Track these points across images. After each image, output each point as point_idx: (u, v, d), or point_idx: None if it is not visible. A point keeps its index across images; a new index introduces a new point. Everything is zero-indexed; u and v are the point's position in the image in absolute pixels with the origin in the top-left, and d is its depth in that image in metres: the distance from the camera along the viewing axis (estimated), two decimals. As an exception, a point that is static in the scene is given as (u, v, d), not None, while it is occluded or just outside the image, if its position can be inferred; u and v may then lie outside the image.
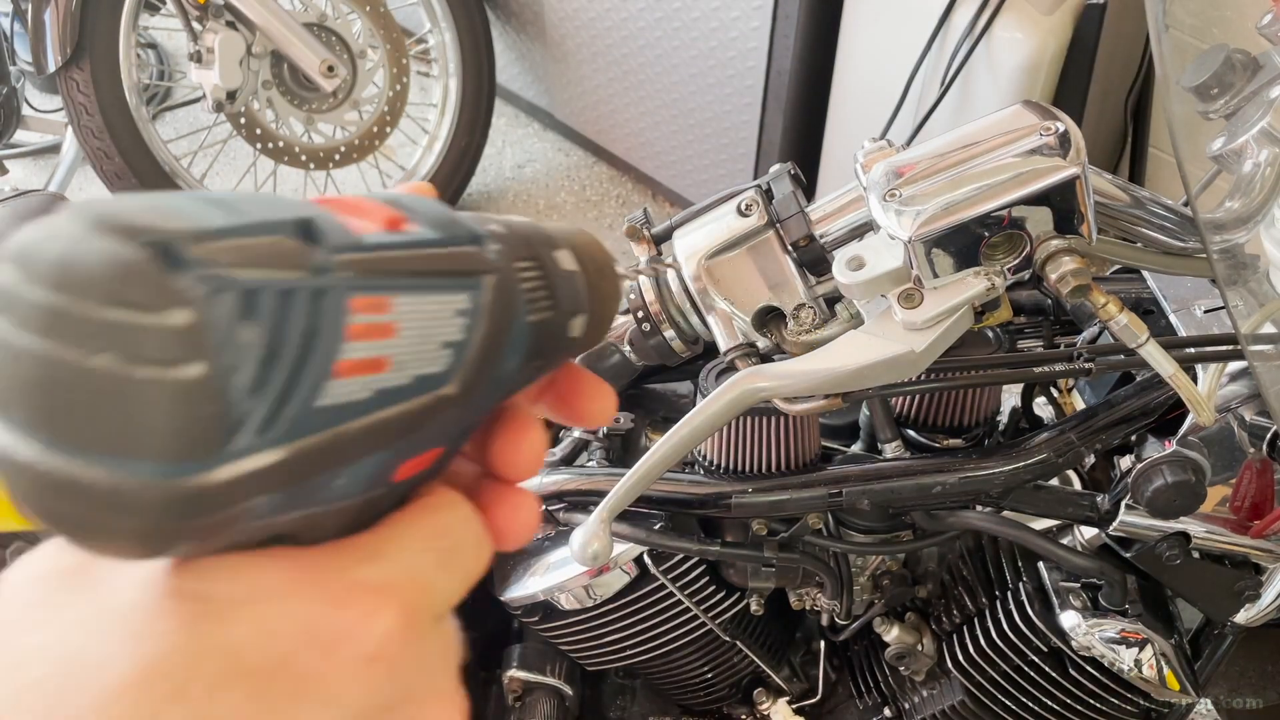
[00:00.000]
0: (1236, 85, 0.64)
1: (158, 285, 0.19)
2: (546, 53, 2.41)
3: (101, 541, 0.21)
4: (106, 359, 0.19)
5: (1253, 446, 0.75)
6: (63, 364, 0.19)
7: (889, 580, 0.94)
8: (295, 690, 0.22)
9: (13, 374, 0.19)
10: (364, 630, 0.23)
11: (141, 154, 1.89)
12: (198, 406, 0.19)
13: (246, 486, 0.21)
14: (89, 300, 0.19)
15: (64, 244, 0.19)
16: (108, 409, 0.19)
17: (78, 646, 0.22)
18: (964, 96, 1.61)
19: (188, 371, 0.19)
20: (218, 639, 0.22)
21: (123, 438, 0.19)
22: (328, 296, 0.22)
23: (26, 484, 0.20)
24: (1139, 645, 0.83)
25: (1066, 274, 0.58)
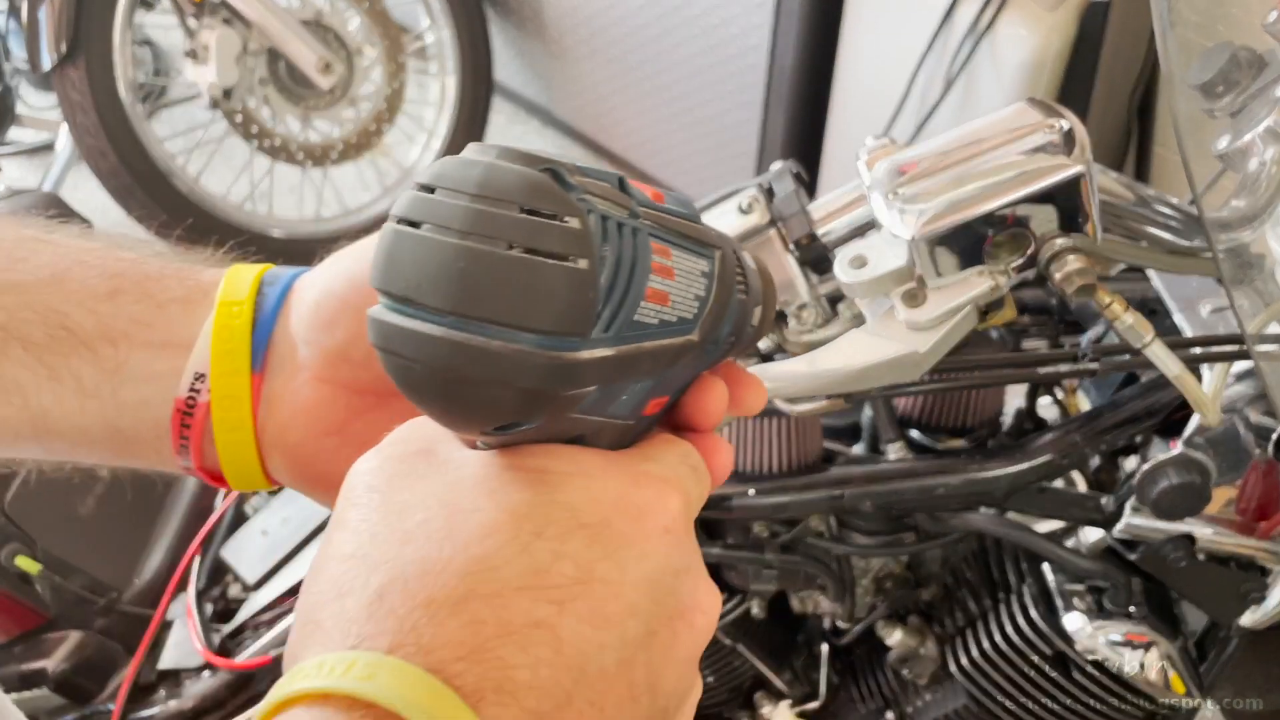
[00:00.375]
0: (1242, 83, 0.63)
1: (559, 198, 0.25)
2: (545, 49, 2.40)
3: (482, 408, 0.26)
4: (519, 250, 0.24)
5: (1259, 447, 0.74)
6: (483, 254, 0.24)
7: (892, 583, 0.93)
8: (617, 544, 0.27)
9: (432, 267, 0.25)
10: (660, 507, 0.29)
11: (137, 152, 1.88)
12: (581, 291, 0.25)
13: (591, 372, 0.27)
14: (508, 207, 0.25)
15: (483, 169, 0.25)
16: (513, 290, 0.24)
17: (449, 499, 0.27)
18: (967, 94, 1.61)
19: (578, 263, 0.25)
20: (558, 498, 0.27)
21: (522, 312, 0.25)
22: (639, 236, 0.28)
23: (429, 358, 0.25)
24: (1144, 648, 0.82)
25: (1071, 273, 0.57)
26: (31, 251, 0.38)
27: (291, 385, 0.38)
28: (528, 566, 0.26)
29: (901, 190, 0.58)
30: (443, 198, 0.25)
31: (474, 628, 0.25)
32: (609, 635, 0.26)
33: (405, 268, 0.25)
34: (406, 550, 0.26)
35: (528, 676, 0.25)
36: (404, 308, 0.26)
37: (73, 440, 0.38)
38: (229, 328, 0.38)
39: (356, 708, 0.23)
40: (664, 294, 0.29)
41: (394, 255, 0.26)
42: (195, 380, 0.37)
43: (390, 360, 0.27)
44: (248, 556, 1.02)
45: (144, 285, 0.39)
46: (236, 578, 1.02)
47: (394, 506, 0.27)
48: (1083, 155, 0.55)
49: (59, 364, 0.37)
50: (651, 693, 0.28)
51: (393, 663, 0.24)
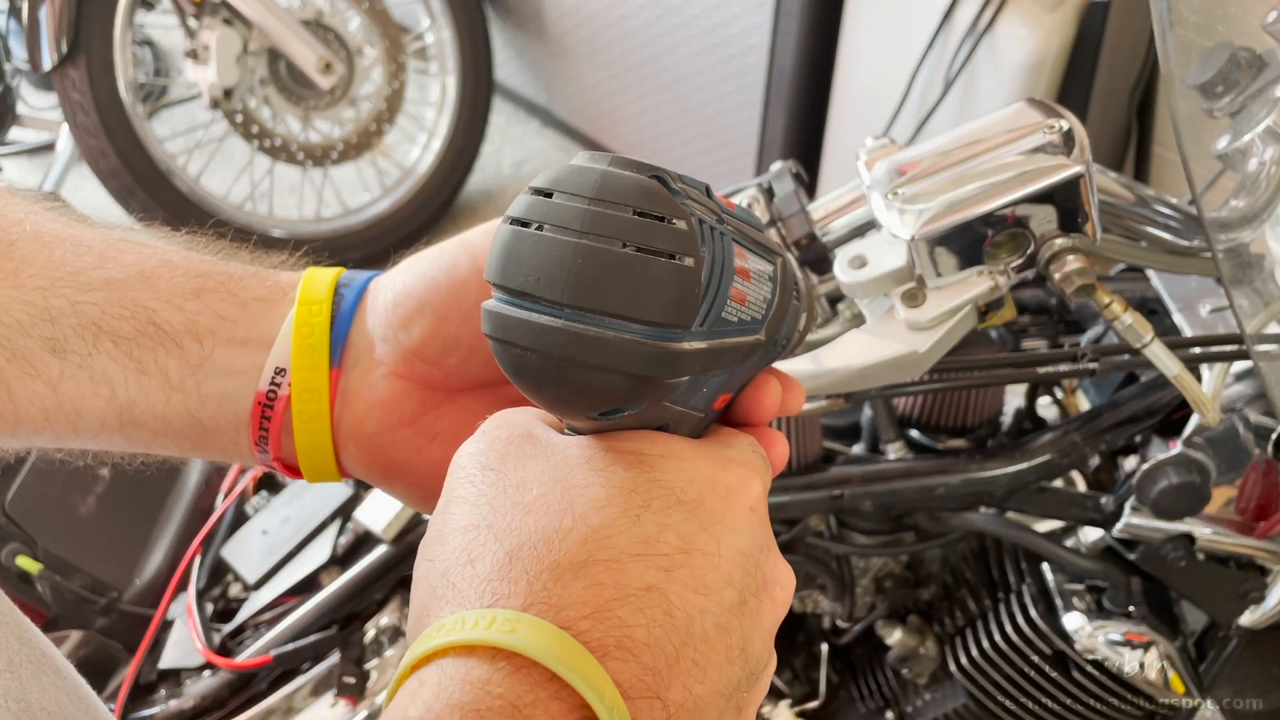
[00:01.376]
0: (1242, 83, 0.63)
1: (668, 201, 0.28)
2: (545, 49, 2.40)
3: (593, 392, 0.29)
4: (632, 249, 0.27)
5: (1258, 447, 0.74)
6: (600, 252, 0.27)
7: (891, 582, 0.93)
8: (712, 519, 0.30)
9: (552, 264, 0.27)
10: (744, 488, 0.32)
11: (137, 152, 1.88)
12: (688, 286, 0.28)
13: (689, 362, 0.29)
14: (623, 209, 0.28)
15: (599, 175, 0.28)
16: (627, 284, 0.27)
17: (562, 476, 0.30)
18: (967, 94, 1.61)
19: (685, 261, 0.28)
20: (658, 477, 0.30)
21: (635, 305, 0.27)
22: (726, 240, 0.30)
23: (547, 346, 0.28)
24: (1143, 648, 0.82)
25: (1071, 273, 0.57)
26: (121, 251, 0.40)
27: (368, 380, 0.40)
28: (639, 536, 0.29)
29: (901, 190, 0.58)
30: (561, 201, 0.28)
31: (595, 590, 0.27)
32: (709, 601, 0.29)
33: (525, 264, 0.28)
34: (529, 520, 0.29)
35: (644, 635, 0.27)
36: (522, 301, 0.28)
37: (155, 430, 0.40)
38: (309, 324, 0.40)
39: (500, 658, 0.26)
40: (743, 294, 0.31)
41: (513, 253, 0.29)
42: (276, 374, 0.40)
43: (505, 349, 0.29)
44: (248, 556, 1.02)
45: (227, 284, 0.41)
46: (237, 577, 1.02)
47: (511, 482, 0.30)
48: (1082, 155, 0.55)
49: (147, 358, 0.38)
50: (744, 657, 0.30)
51: (530, 619, 0.26)
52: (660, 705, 0.27)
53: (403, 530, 0.93)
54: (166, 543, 1.09)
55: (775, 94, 1.92)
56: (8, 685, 0.38)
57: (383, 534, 0.93)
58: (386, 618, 0.95)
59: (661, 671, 0.27)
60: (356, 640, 0.93)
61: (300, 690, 0.91)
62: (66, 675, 0.43)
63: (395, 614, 0.95)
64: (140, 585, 1.06)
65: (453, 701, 0.25)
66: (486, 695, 0.25)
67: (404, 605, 0.96)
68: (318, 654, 0.92)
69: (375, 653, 0.94)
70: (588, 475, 0.30)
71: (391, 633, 0.94)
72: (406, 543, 0.94)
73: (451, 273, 0.39)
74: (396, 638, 0.94)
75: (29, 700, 0.38)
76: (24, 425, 0.38)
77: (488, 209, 2.44)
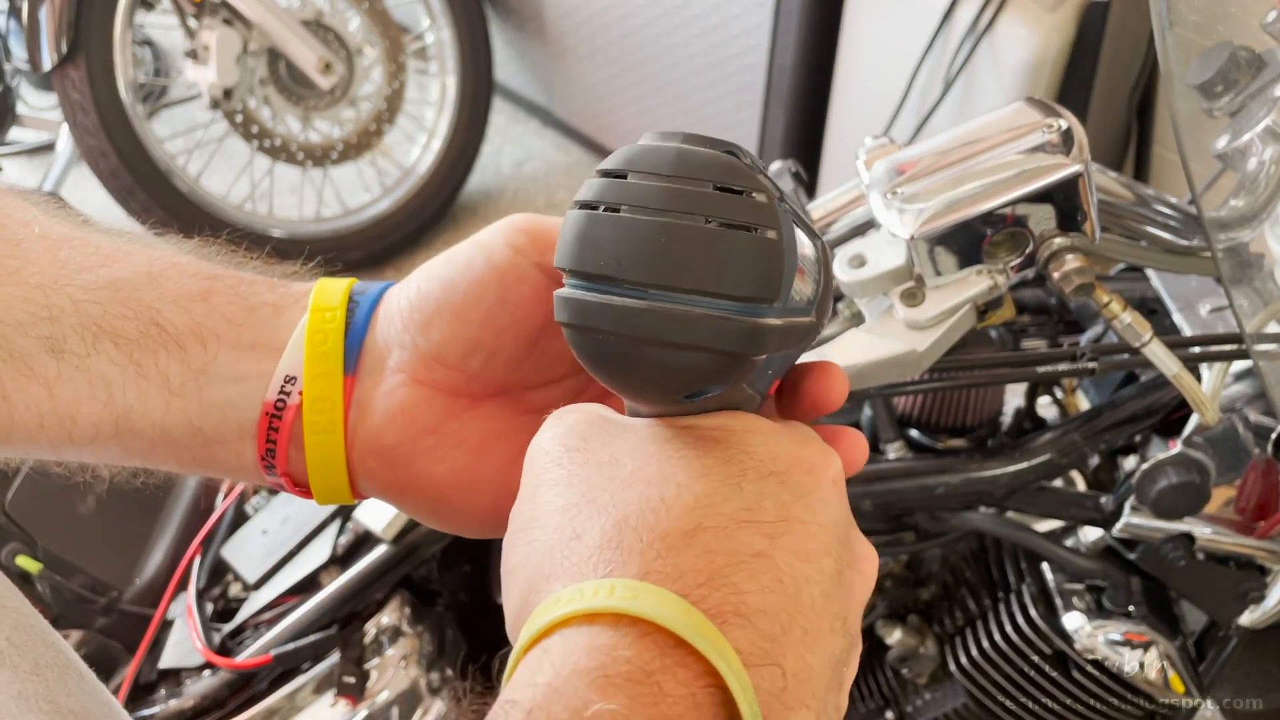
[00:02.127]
0: (1241, 82, 0.63)
1: (747, 174, 0.28)
2: (545, 49, 2.40)
3: (682, 372, 0.28)
4: (716, 224, 0.27)
5: (1258, 446, 0.74)
6: (683, 229, 0.27)
7: (891, 582, 0.93)
8: (803, 490, 0.30)
9: (633, 244, 0.27)
10: (826, 462, 0.32)
11: (137, 152, 1.88)
12: (774, 259, 0.28)
13: (773, 339, 0.29)
14: (702, 185, 0.27)
15: (674, 152, 0.28)
16: (713, 259, 0.27)
17: (654, 450, 0.30)
18: (967, 93, 1.61)
19: (769, 234, 0.27)
20: (748, 450, 0.30)
21: (722, 280, 0.27)
22: (790, 219, 0.30)
23: (633, 329, 0.27)
24: (1143, 647, 0.82)
25: (1070, 272, 0.57)
26: (129, 252, 0.39)
27: (384, 388, 0.39)
28: (741, 504, 0.29)
29: (900, 189, 0.58)
30: (638, 180, 0.28)
31: (708, 557, 0.27)
32: (812, 569, 0.29)
33: (603, 247, 0.27)
34: (630, 493, 0.28)
35: (758, 601, 0.27)
36: (601, 285, 0.28)
37: (154, 439, 0.38)
38: (323, 331, 0.38)
39: (624, 624, 0.26)
40: (805, 272, 0.31)
41: (589, 237, 0.28)
42: (286, 383, 0.38)
43: (585, 336, 0.29)
44: (248, 556, 1.02)
45: (237, 288, 0.39)
46: (237, 577, 1.02)
47: (603, 459, 0.30)
48: (1081, 155, 0.55)
49: (147, 360, 0.37)
50: (844, 628, 0.30)
51: (650, 586, 0.26)
52: (779, 673, 0.27)
53: (403, 530, 0.93)
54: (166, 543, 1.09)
55: (775, 94, 1.92)
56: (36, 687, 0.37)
57: (383, 534, 0.93)
58: (386, 618, 0.95)
59: (778, 638, 0.27)
60: (356, 640, 0.93)
61: (300, 690, 0.91)
62: (88, 679, 0.42)
63: (395, 614, 0.95)
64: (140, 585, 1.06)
65: (580, 667, 0.25)
66: (614, 660, 0.25)
67: (404, 605, 0.96)
68: (318, 654, 0.92)
69: (375, 653, 0.94)
70: (681, 449, 0.30)
71: (391, 632, 0.94)
72: (407, 542, 0.94)
73: (468, 272, 0.37)
74: (396, 637, 0.94)
75: (57, 702, 0.38)
76: (18, 431, 0.36)
77: (488, 209, 2.44)
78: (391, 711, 0.91)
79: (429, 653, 0.95)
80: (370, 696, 0.91)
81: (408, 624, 0.95)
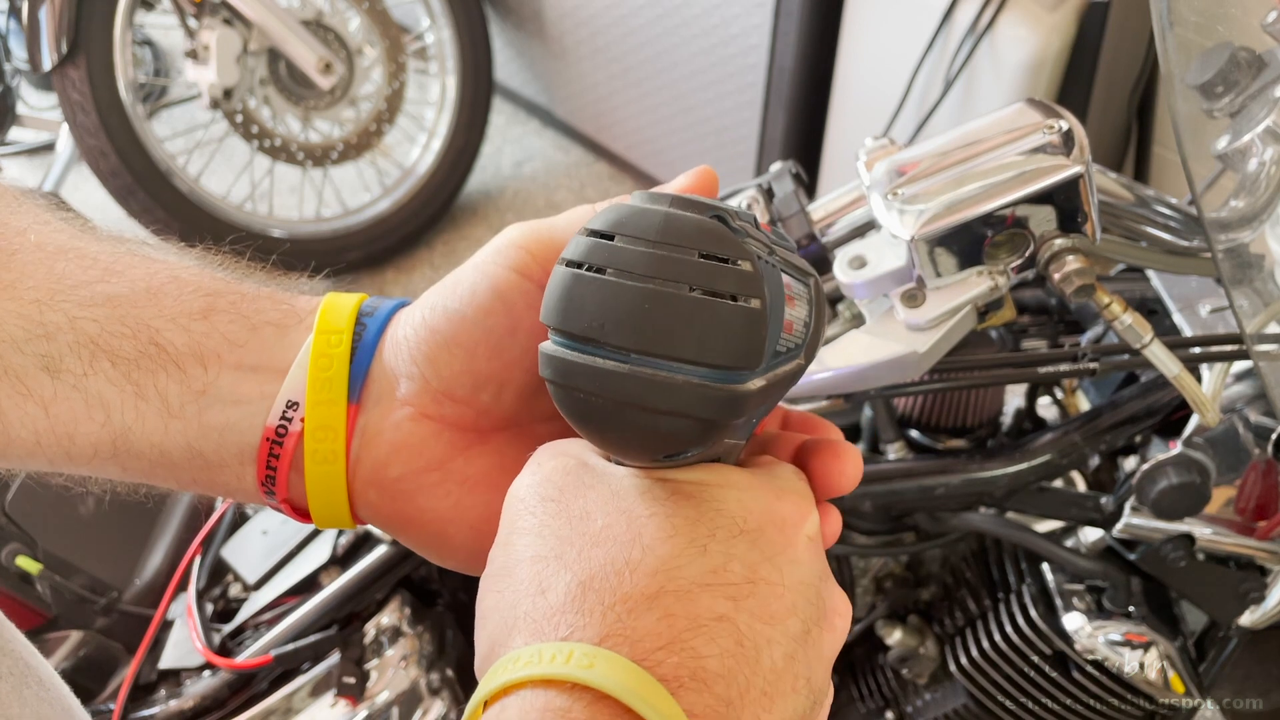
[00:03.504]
0: (1242, 83, 0.63)
1: (732, 242, 0.28)
2: (545, 50, 2.40)
3: (660, 437, 0.29)
4: (699, 292, 0.27)
5: (1258, 447, 0.74)
6: (667, 296, 0.27)
7: (891, 582, 0.93)
8: (773, 549, 0.30)
9: (617, 308, 0.27)
10: (800, 518, 0.32)
11: (137, 152, 1.88)
12: (756, 328, 0.28)
13: (754, 400, 0.29)
14: (688, 252, 0.27)
15: (662, 217, 0.28)
16: (695, 328, 0.27)
17: (625, 506, 0.30)
18: (967, 94, 1.61)
19: (752, 303, 0.28)
20: (719, 508, 0.30)
21: (704, 349, 0.27)
22: (776, 272, 0.30)
23: (614, 392, 0.27)
24: (1143, 648, 0.83)
25: (1070, 273, 0.57)
26: (128, 265, 0.37)
27: (390, 420, 0.37)
28: (707, 566, 0.29)
29: (901, 191, 0.58)
30: (624, 244, 0.28)
31: (668, 620, 0.28)
32: (776, 631, 0.29)
33: (588, 309, 0.28)
34: (597, 552, 0.29)
35: (717, 666, 0.27)
36: (585, 346, 0.28)
37: (152, 461, 0.37)
38: (328, 355, 0.37)
39: (578, 692, 0.26)
40: (791, 323, 0.31)
41: (575, 297, 0.28)
42: (288, 408, 0.37)
43: (567, 394, 0.29)
44: (248, 556, 1.02)
45: (239, 305, 0.38)
46: (237, 577, 1.02)
47: (574, 513, 0.30)
48: (1082, 155, 0.55)
49: (146, 381, 0.36)
50: (808, 686, 0.30)
51: (606, 653, 0.27)
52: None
53: (403, 530, 0.93)
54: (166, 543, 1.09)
55: (775, 94, 1.92)
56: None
57: (383, 534, 0.93)
58: (386, 618, 0.95)
59: (734, 702, 0.27)
60: (356, 640, 0.93)
61: (300, 690, 0.91)
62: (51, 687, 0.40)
63: (395, 614, 0.95)
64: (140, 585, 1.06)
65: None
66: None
67: (404, 605, 0.96)
68: (318, 654, 0.92)
69: (375, 653, 0.94)
70: (651, 506, 0.30)
71: (391, 633, 0.94)
72: (406, 543, 0.94)
73: (473, 303, 0.36)
74: (396, 638, 0.94)
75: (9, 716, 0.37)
76: (14, 447, 0.35)
77: (488, 209, 2.44)
78: (391, 712, 0.91)
79: (429, 653, 0.95)
80: (370, 697, 0.91)
81: (408, 624, 0.95)
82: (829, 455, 0.36)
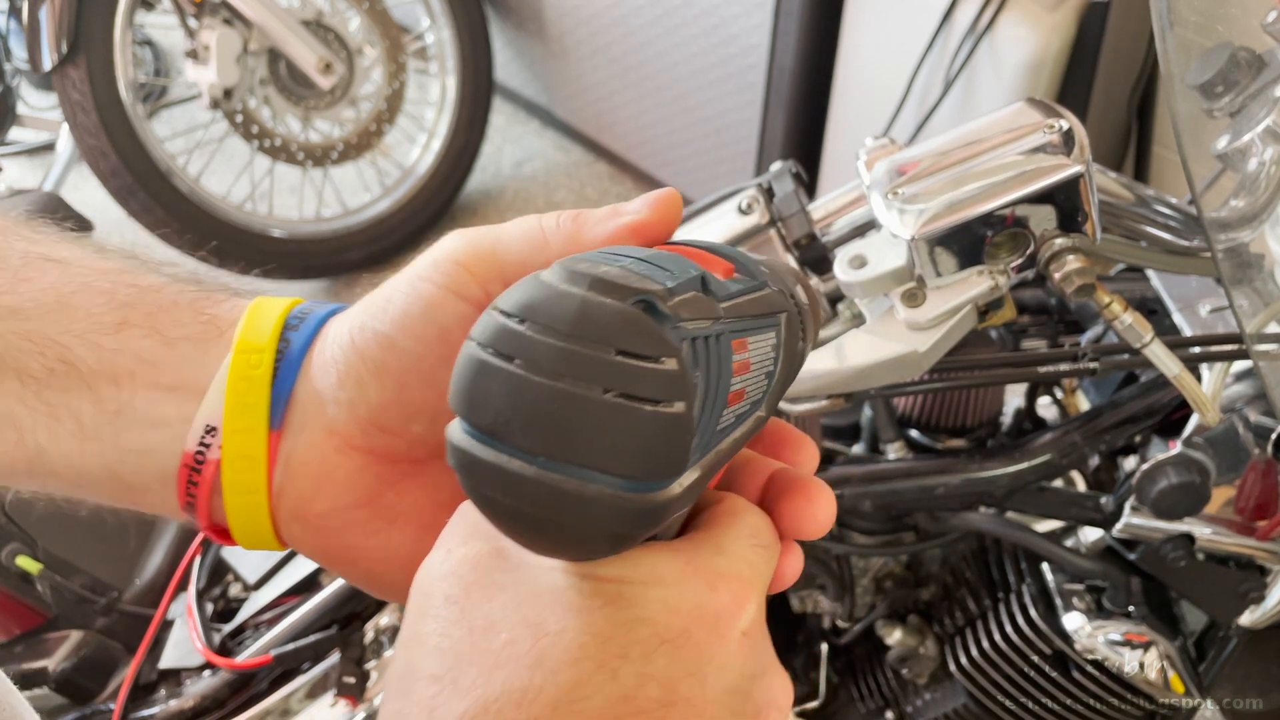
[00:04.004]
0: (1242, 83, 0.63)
1: (655, 337, 0.24)
2: (545, 49, 2.40)
3: (570, 546, 0.26)
4: (614, 396, 0.23)
5: (1258, 447, 0.74)
6: (577, 398, 0.23)
7: (891, 582, 0.93)
8: (698, 658, 0.27)
9: (523, 406, 0.24)
10: (736, 610, 0.28)
11: (137, 152, 1.88)
12: (677, 436, 0.24)
13: (680, 503, 0.26)
14: (603, 349, 0.23)
15: (577, 305, 0.24)
16: (608, 436, 0.23)
17: (533, 617, 0.27)
18: (967, 94, 1.61)
19: (674, 407, 0.24)
20: (639, 614, 0.27)
21: (617, 460, 0.24)
22: (723, 340, 0.27)
23: (518, 496, 0.24)
24: (1143, 648, 0.83)
25: (1071, 273, 0.57)
26: (40, 272, 0.35)
27: (317, 451, 0.35)
28: (616, 693, 0.26)
29: (901, 190, 0.58)
30: (533, 334, 0.24)
31: None
32: None
33: (493, 401, 0.24)
34: (498, 675, 0.26)
35: None
36: (491, 440, 0.25)
37: (72, 481, 0.35)
38: (247, 379, 0.34)
39: None
40: (741, 391, 0.28)
41: (480, 386, 0.25)
42: (206, 433, 0.34)
43: (473, 490, 0.26)
44: (248, 556, 1.02)
45: (155, 318, 0.35)
46: (237, 577, 1.02)
47: (477, 623, 0.27)
48: (1082, 155, 0.55)
49: (58, 401, 0.33)
50: None
51: None
52: None
53: (403, 530, 0.93)
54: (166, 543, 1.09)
55: (775, 94, 1.92)
56: None
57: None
58: (386, 618, 0.95)
59: None
60: (356, 640, 0.93)
61: (300, 690, 0.91)
62: None
63: (395, 614, 0.95)
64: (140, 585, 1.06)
65: None
66: None
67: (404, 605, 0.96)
68: (318, 654, 0.92)
69: (375, 653, 0.94)
70: (562, 618, 0.27)
71: (391, 633, 0.94)
72: (406, 543, 0.94)
73: (405, 328, 0.33)
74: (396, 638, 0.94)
75: None
76: None
77: (487, 209, 2.44)
78: (392, 712, 0.91)
79: (429, 653, 0.95)
80: (370, 697, 0.91)
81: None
82: (800, 498, 0.32)
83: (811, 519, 0.32)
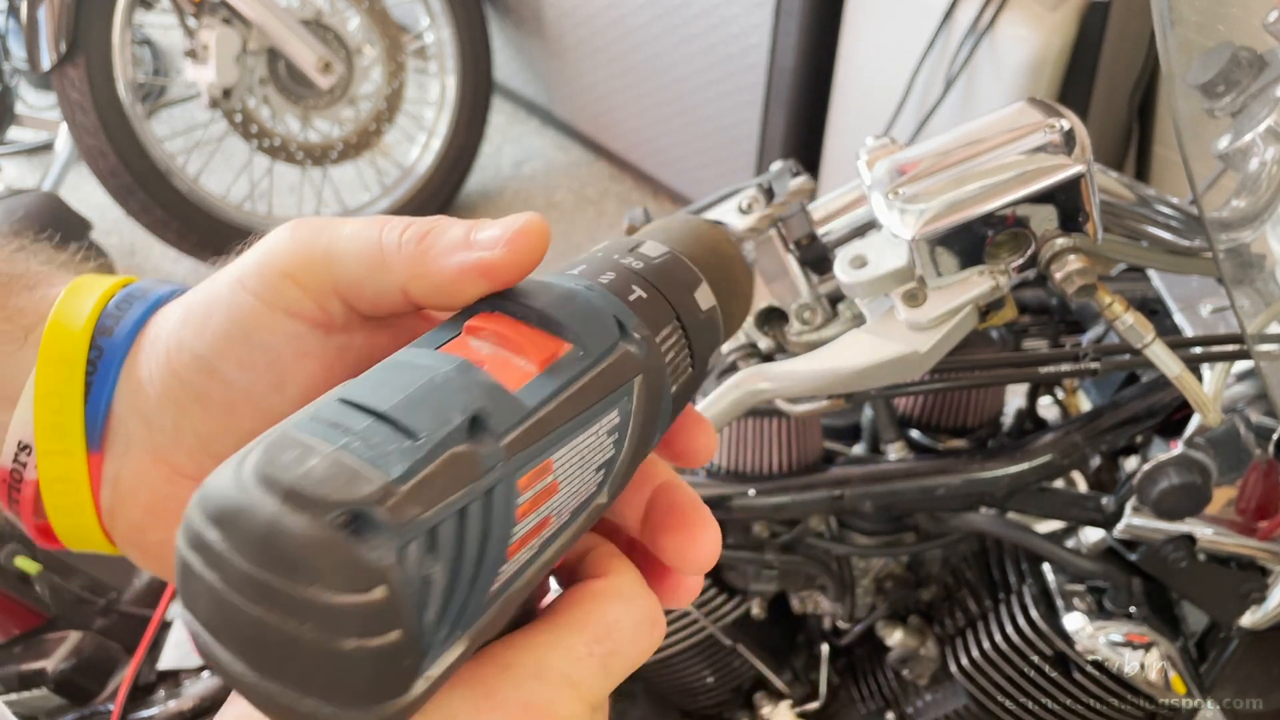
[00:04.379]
0: (1243, 83, 0.63)
1: (355, 565, 0.20)
2: (545, 49, 2.40)
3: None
4: (312, 630, 0.20)
5: (1259, 447, 0.74)
6: (272, 628, 0.20)
7: (892, 583, 0.93)
8: None
9: (228, 619, 0.21)
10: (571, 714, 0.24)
11: (136, 152, 1.88)
12: (397, 662, 0.21)
13: (438, 683, 0.23)
14: (294, 581, 0.20)
15: (266, 523, 0.20)
16: (314, 667, 0.21)
17: None
18: (967, 94, 1.61)
19: (388, 638, 0.21)
20: None
21: (328, 689, 0.21)
22: (498, 489, 0.23)
23: (240, 689, 0.21)
24: (1144, 648, 0.82)
25: (1072, 273, 0.57)
26: None
27: (146, 479, 0.30)
28: None
29: (902, 190, 0.58)
30: (225, 550, 0.21)
31: None
32: None
33: (203, 605, 0.21)
34: None
35: None
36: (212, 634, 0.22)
37: None
38: (58, 394, 0.29)
39: None
40: (541, 523, 0.24)
41: (188, 586, 0.21)
42: (20, 450, 0.30)
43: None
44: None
45: None
46: (236, 578, 1.02)
47: None
48: (1083, 155, 0.55)
49: None
50: None
51: None
52: None
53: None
54: (166, 543, 1.09)
55: (775, 94, 1.92)
56: None
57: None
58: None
59: None
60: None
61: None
62: None
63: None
64: (140, 585, 1.06)
65: None
66: None
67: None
68: (317, 654, 0.92)
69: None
70: None
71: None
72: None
73: (227, 353, 0.29)
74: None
75: None
76: None
77: (487, 209, 2.44)
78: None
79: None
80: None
81: None
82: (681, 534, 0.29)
83: (692, 560, 0.29)
